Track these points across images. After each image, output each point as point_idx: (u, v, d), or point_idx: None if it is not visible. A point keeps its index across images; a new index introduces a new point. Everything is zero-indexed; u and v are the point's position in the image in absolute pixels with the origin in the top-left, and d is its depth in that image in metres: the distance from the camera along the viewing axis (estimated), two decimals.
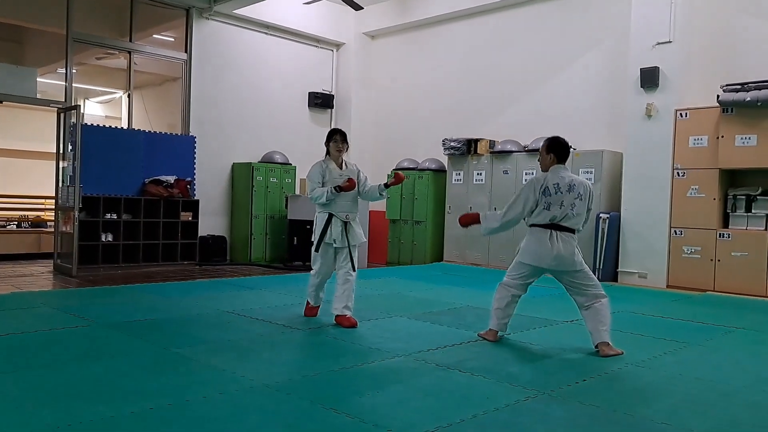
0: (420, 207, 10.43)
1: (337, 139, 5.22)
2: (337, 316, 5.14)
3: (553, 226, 4.34)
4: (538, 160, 4.63)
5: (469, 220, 4.71)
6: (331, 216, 5.14)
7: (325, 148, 5.32)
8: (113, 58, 10.57)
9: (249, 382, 3.50)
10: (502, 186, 9.51)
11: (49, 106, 9.28)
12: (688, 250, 7.82)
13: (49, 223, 11.69)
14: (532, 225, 4.43)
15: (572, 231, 4.38)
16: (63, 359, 3.96)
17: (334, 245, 5.15)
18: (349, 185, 5.06)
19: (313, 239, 5.27)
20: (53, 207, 9.26)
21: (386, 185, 5.24)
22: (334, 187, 5.06)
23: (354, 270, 5.17)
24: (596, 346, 4.34)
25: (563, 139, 4.53)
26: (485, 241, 9.64)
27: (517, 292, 4.56)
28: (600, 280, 8.14)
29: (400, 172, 5.22)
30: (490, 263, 9.56)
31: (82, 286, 7.21)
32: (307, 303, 5.48)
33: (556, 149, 4.46)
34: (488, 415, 3.05)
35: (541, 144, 4.57)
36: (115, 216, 8.96)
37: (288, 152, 11.17)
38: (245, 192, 10.50)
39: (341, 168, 5.26)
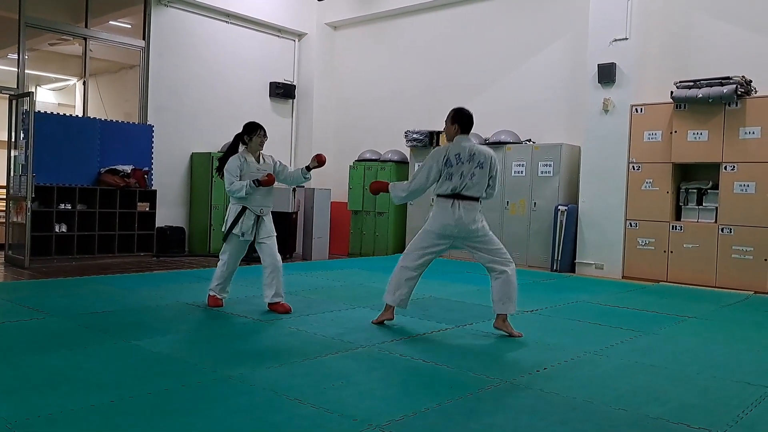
0: (382, 198, 10.43)
1: (261, 133, 5.25)
2: (269, 303, 5.23)
3: (455, 195, 4.52)
4: (443, 131, 4.78)
5: (379, 187, 4.81)
6: (244, 209, 5.17)
7: (238, 140, 5.28)
8: (67, 44, 10.25)
9: (212, 373, 3.47)
10: None
11: (0, 92, 8.96)
12: (642, 241, 8.05)
13: None
14: (437, 195, 4.61)
15: (475, 199, 4.57)
16: (18, 352, 3.84)
17: (241, 238, 5.20)
18: (268, 180, 5.13)
19: (223, 230, 5.31)
20: (4, 197, 8.95)
21: (308, 168, 5.27)
22: (253, 181, 5.08)
23: (276, 259, 5.24)
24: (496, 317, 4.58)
25: (467, 111, 4.66)
26: None
27: (415, 273, 4.70)
28: (558, 271, 8.48)
29: (321, 154, 5.28)
30: (451, 254, 9.64)
31: (35, 278, 7.01)
32: (213, 295, 5.43)
33: (461, 120, 4.62)
34: (452, 404, 3.10)
35: (447, 114, 4.66)
36: (69, 206, 8.72)
37: None
38: (205, 182, 10.34)
39: (258, 162, 5.28)
